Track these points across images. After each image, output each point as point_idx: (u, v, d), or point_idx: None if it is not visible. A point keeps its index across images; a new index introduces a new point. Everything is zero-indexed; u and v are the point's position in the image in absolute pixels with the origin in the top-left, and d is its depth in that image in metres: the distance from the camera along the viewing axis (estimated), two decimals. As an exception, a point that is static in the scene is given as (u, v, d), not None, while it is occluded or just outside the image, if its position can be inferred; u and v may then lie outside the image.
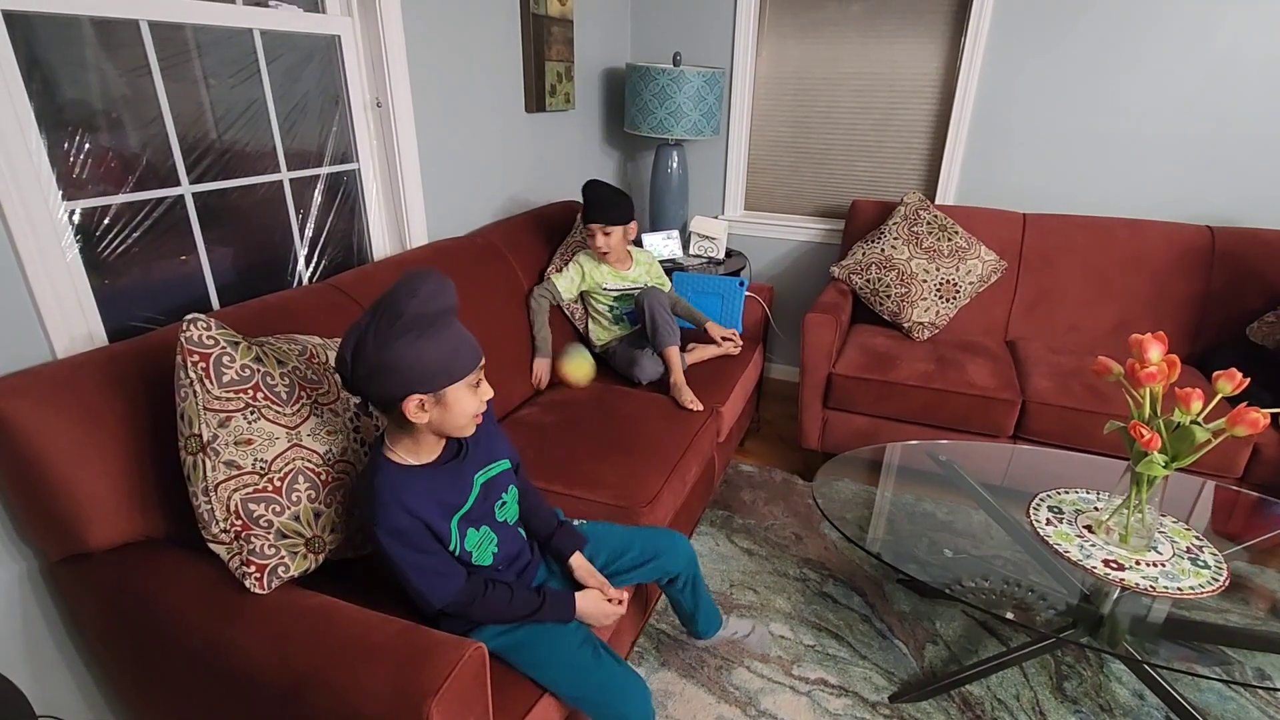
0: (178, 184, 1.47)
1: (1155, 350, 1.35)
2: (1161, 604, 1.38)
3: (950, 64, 2.69)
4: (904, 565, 1.52)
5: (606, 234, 2.12)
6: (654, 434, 1.84)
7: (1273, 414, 1.27)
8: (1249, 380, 1.35)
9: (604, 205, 2.10)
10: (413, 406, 1.01)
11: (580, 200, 2.62)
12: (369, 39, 1.81)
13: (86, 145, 1.31)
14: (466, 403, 1.05)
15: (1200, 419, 1.31)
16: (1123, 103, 2.48)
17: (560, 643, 1.17)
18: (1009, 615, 1.41)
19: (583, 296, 2.30)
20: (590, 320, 2.32)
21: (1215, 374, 1.35)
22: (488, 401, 1.10)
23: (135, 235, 1.41)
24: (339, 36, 1.77)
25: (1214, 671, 1.32)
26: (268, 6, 1.60)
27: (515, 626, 1.16)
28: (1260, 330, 2.28)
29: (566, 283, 2.20)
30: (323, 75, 1.78)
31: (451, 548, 1.10)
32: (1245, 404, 1.29)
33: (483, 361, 1.08)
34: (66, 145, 1.28)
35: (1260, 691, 1.64)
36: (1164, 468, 1.33)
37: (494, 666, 1.04)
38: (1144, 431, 1.31)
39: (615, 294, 2.25)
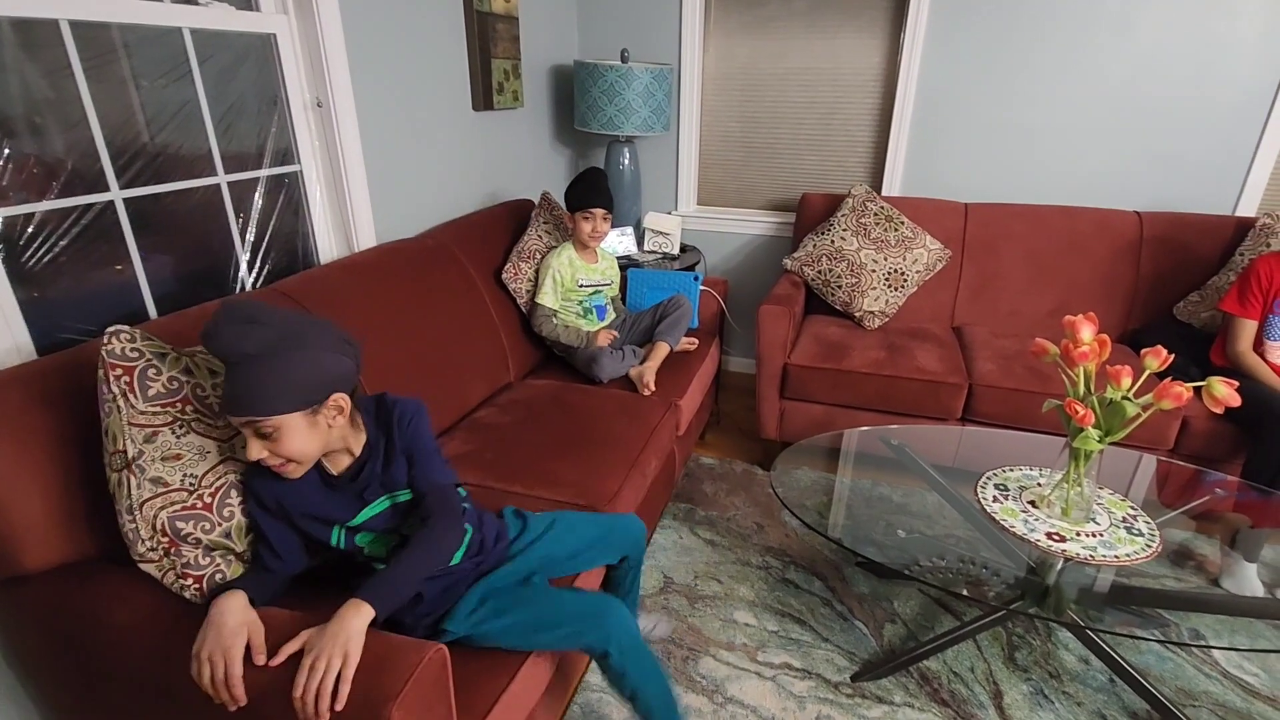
0: (107, 189, 1.41)
1: (1087, 331, 1.41)
2: (1104, 573, 1.45)
3: (891, 59, 2.75)
4: (862, 549, 1.56)
5: (606, 219, 2.17)
6: (613, 430, 1.85)
7: (1195, 387, 1.34)
8: (1175, 356, 1.42)
9: (606, 191, 2.16)
10: None
11: (534, 199, 2.61)
12: (306, 37, 1.77)
13: (5, 150, 1.25)
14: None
15: (1130, 394, 1.38)
16: (1054, 96, 2.58)
17: (523, 591, 1.21)
18: (962, 591, 1.46)
19: None
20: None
21: (1143, 351, 1.42)
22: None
23: (63, 244, 1.35)
24: (274, 35, 1.72)
25: (1152, 634, 1.39)
26: (198, 5, 1.55)
27: (486, 602, 1.17)
28: (1186, 309, 2.40)
29: (552, 299, 2.20)
30: (259, 75, 1.72)
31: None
32: (1170, 379, 1.37)
33: (248, 418, 0.98)
34: (-17, 151, 1.22)
35: (1195, 650, 1.73)
36: (1099, 442, 1.40)
37: (457, 661, 1.02)
38: (1079, 408, 1.37)
39: (590, 289, 2.26)
